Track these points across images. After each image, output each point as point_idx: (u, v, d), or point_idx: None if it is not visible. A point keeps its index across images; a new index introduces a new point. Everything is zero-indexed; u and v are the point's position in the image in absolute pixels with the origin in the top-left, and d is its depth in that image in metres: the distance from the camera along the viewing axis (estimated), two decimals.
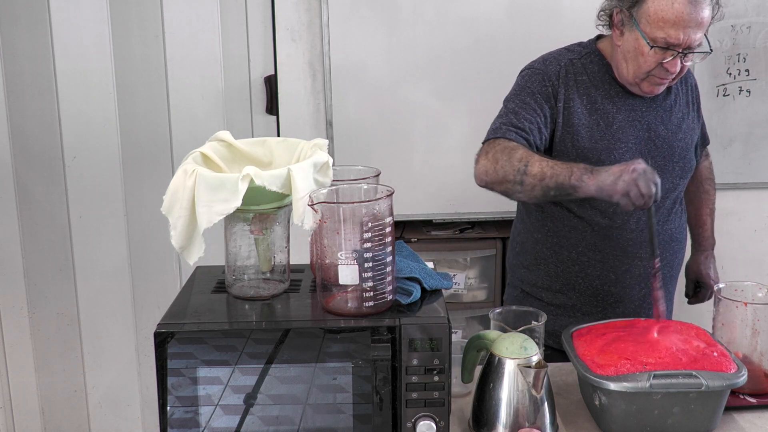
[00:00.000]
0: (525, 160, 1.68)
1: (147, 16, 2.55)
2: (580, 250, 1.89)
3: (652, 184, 1.56)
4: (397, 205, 1.39)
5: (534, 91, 1.83)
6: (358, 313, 1.31)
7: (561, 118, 1.82)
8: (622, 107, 1.85)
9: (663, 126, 1.87)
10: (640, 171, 1.56)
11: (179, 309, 1.37)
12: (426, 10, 2.53)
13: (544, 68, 1.85)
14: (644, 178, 1.55)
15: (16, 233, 2.64)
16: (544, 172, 1.65)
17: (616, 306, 1.91)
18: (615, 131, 1.83)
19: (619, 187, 1.56)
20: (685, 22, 1.68)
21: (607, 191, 1.58)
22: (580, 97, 1.84)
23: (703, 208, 2.11)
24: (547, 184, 1.65)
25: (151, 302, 2.71)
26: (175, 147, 2.62)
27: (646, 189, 1.55)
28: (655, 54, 1.72)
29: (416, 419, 1.31)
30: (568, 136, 1.82)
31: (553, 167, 1.65)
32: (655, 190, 1.56)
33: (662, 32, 1.70)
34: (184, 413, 1.29)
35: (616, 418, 1.43)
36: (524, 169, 1.67)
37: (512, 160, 1.69)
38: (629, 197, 1.56)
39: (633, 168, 1.56)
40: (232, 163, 1.48)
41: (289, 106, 2.61)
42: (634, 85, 1.82)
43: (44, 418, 2.77)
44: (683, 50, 1.72)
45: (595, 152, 1.81)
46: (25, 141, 2.59)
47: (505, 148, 1.72)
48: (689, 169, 1.93)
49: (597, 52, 1.89)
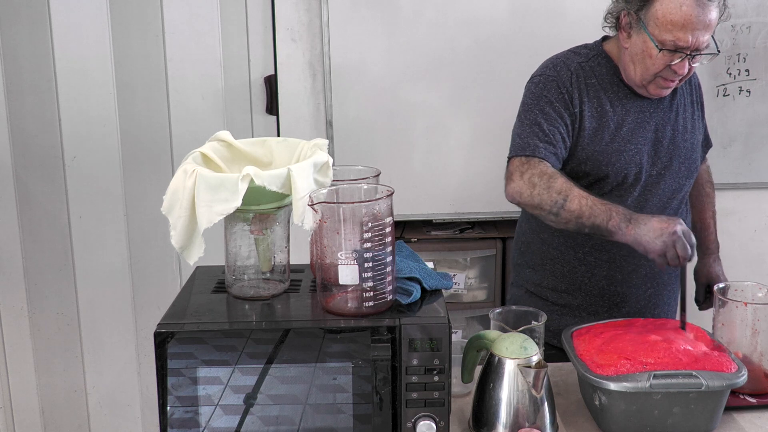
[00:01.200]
0: (564, 194, 1.69)
1: (147, 16, 2.54)
2: (587, 250, 1.89)
3: (689, 246, 1.59)
4: (397, 205, 1.39)
5: (552, 99, 1.81)
6: (358, 313, 1.31)
7: (578, 122, 1.81)
8: (630, 109, 1.84)
9: (670, 127, 1.87)
10: (679, 233, 1.59)
11: (179, 309, 1.37)
12: (426, 11, 2.53)
13: (557, 74, 1.83)
14: (682, 241, 1.59)
15: (16, 233, 2.64)
16: (582, 211, 1.67)
17: (623, 306, 1.91)
18: (624, 133, 1.83)
19: (657, 247, 1.60)
20: (693, 24, 1.67)
21: (645, 247, 1.62)
22: (590, 101, 1.83)
23: (706, 212, 2.12)
24: (583, 222, 1.68)
25: (151, 302, 2.71)
26: (175, 147, 2.62)
27: (683, 252, 1.59)
28: (663, 56, 1.72)
29: (416, 419, 1.31)
30: (579, 140, 1.82)
31: (592, 207, 1.67)
32: (691, 253, 1.59)
33: (670, 35, 1.69)
34: (184, 413, 1.29)
35: (616, 418, 1.43)
36: (562, 203, 1.69)
37: (551, 190, 1.70)
38: (665, 258, 1.60)
39: (674, 231, 1.59)
40: (232, 163, 1.48)
41: (289, 106, 2.60)
42: (642, 88, 1.81)
43: (44, 418, 2.77)
44: (691, 52, 1.71)
45: (605, 155, 1.81)
46: (25, 141, 2.59)
47: (543, 174, 1.73)
48: (695, 169, 1.94)
49: (604, 54, 1.87)
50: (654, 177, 1.85)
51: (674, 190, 1.88)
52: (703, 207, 2.11)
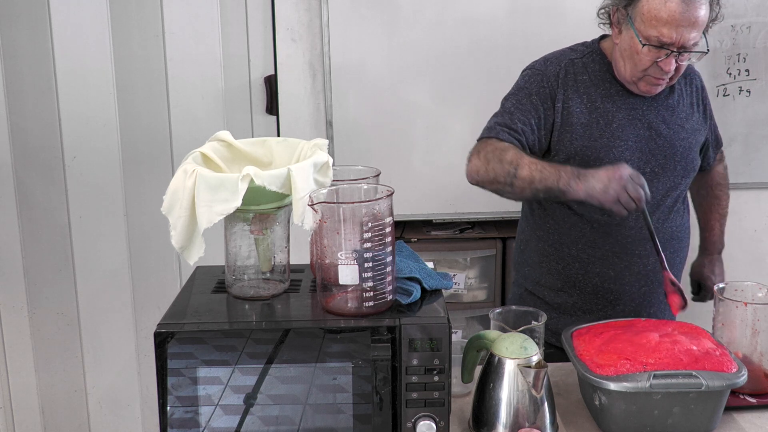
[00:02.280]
0: (515, 163, 1.72)
1: (147, 16, 2.54)
2: (580, 246, 1.90)
3: (639, 186, 1.61)
4: (397, 205, 1.39)
5: (532, 91, 1.85)
6: (358, 313, 1.31)
7: (559, 118, 1.84)
8: (622, 106, 1.85)
9: (665, 125, 1.87)
10: (626, 177, 1.61)
11: (179, 309, 1.37)
12: (426, 11, 2.53)
13: (544, 69, 1.87)
14: (631, 183, 1.61)
15: (16, 233, 2.64)
16: (533, 175, 1.70)
17: (617, 304, 1.91)
18: (615, 129, 1.84)
19: (609, 196, 1.62)
20: (677, 21, 1.68)
21: (597, 199, 1.64)
22: (579, 97, 1.85)
23: (712, 213, 2.12)
24: (536, 186, 1.71)
25: (151, 302, 2.71)
26: (175, 147, 2.62)
27: (635, 192, 1.61)
28: (649, 52, 1.73)
29: (416, 419, 1.31)
30: (567, 135, 1.84)
31: (542, 171, 1.70)
32: (643, 193, 1.61)
33: (655, 31, 1.71)
34: (184, 413, 1.29)
35: (616, 418, 1.43)
36: (514, 172, 1.72)
37: (503, 162, 1.74)
38: (620, 204, 1.61)
39: (619, 175, 1.62)
40: (232, 163, 1.48)
41: (289, 106, 2.60)
42: (633, 84, 1.83)
43: (44, 418, 2.77)
44: (678, 50, 1.72)
45: (594, 150, 1.83)
46: (25, 141, 2.59)
47: (496, 149, 1.77)
48: (692, 169, 1.94)
49: (599, 51, 1.90)
50: (648, 175, 1.86)
51: (669, 188, 1.89)
52: (709, 208, 2.12)
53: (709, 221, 2.12)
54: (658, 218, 1.87)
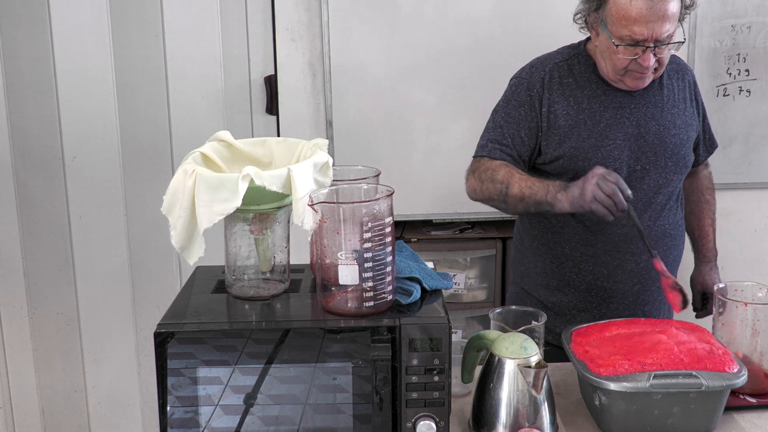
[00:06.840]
0: (506, 182, 1.80)
1: (147, 16, 2.54)
2: (573, 245, 1.91)
3: (611, 183, 1.63)
4: (397, 205, 1.39)
5: (519, 102, 1.89)
6: (358, 313, 1.31)
7: (546, 122, 1.87)
8: (609, 105, 1.86)
9: (654, 121, 1.87)
10: (598, 175, 1.65)
11: (179, 309, 1.37)
12: (426, 11, 2.53)
13: (530, 77, 1.91)
14: (603, 179, 1.64)
15: (16, 233, 2.64)
16: (523, 192, 1.77)
17: (611, 302, 1.92)
18: (602, 129, 1.85)
19: (586, 197, 1.66)
20: (645, 17, 1.70)
21: (579, 203, 1.68)
22: (566, 99, 1.87)
23: (705, 219, 2.11)
24: (527, 203, 1.77)
25: (151, 302, 2.71)
26: (175, 147, 2.62)
27: (608, 189, 1.63)
28: (625, 51, 1.75)
29: (416, 419, 1.31)
30: (555, 138, 1.86)
31: (531, 187, 1.76)
32: (617, 188, 1.63)
33: (626, 30, 1.72)
34: (184, 413, 1.29)
35: (616, 418, 1.43)
36: (506, 190, 1.80)
37: (494, 181, 1.82)
38: (598, 203, 1.64)
39: (591, 174, 1.66)
40: (232, 163, 1.48)
41: (289, 106, 2.60)
42: (619, 82, 1.85)
43: (44, 418, 2.77)
44: (653, 44, 1.73)
45: (582, 150, 1.84)
46: (25, 141, 2.59)
47: (488, 168, 1.85)
48: (684, 165, 1.94)
49: (584, 52, 1.91)
50: (638, 172, 1.86)
51: (660, 185, 1.89)
52: (702, 214, 2.11)
53: (704, 228, 2.11)
54: (650, 216, 1.88)
